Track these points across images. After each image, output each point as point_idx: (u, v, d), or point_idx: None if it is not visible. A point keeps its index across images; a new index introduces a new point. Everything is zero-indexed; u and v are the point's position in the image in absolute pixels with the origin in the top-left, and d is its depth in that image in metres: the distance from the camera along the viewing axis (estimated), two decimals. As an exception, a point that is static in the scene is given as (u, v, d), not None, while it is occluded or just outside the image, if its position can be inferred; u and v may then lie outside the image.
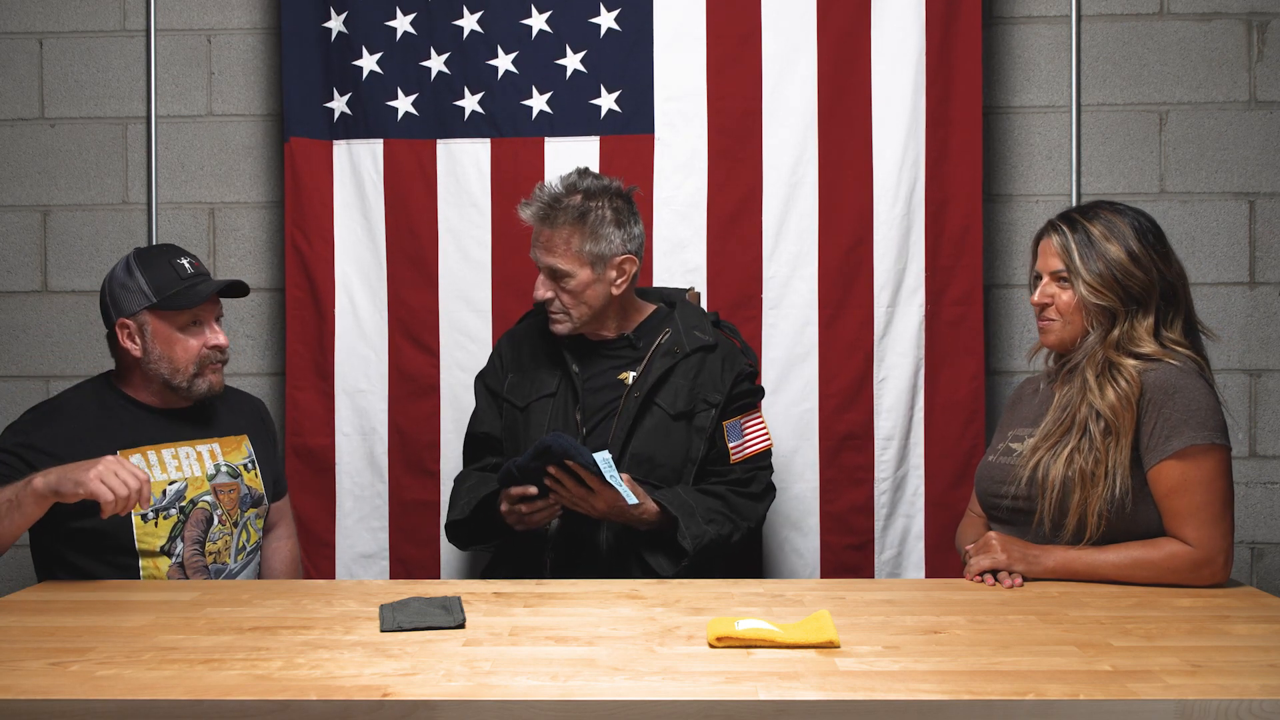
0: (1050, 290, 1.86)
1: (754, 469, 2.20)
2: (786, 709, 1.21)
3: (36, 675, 1.31)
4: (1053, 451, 1.80)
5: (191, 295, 2.00)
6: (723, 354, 2.22)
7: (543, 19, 2.71)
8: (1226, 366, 2.79)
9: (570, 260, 2.13)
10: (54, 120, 2.89)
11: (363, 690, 1.24)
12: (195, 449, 2.07)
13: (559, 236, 2.13)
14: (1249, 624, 1.51)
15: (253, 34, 2.86)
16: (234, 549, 2.08)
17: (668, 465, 2.15)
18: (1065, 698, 1.20)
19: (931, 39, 2.67)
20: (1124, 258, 1.80)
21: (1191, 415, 1.73)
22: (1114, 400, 1.76)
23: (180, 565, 2.00)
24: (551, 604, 1.65)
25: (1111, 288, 1.80)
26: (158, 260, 2.03)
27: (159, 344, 2.00)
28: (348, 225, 2.75)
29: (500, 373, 2.30)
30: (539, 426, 2.20)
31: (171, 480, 2.01)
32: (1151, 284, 1.81)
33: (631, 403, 2.16)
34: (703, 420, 2.17)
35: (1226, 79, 2.78)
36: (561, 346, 2.23)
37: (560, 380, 2.22)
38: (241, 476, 2.12)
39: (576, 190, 2.15)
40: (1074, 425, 1.79)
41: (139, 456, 1.99)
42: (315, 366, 2.75)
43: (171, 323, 2.00)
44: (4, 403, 2.88)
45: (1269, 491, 2.80)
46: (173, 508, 2.00)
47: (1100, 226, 1.82)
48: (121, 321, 2.01)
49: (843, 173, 2.69)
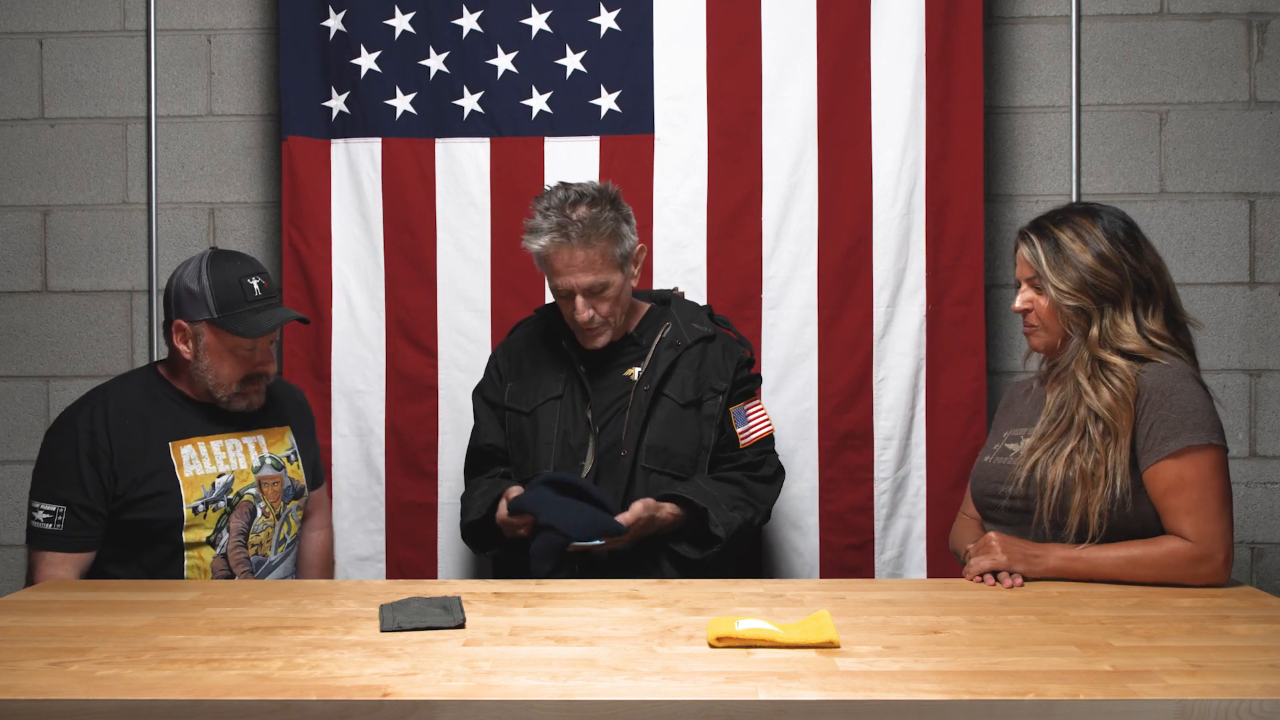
0: (1028, 296, 1.88)
1: (763, 452, 2.25)
2: (786, 709, 1.20)
3: (36, 675, 1.30)
4: (1050, 452, 1.80)
5: (252, 325, 2.00)
6: (722, 343, 2.27)
7: (543, 19, 2.71)
8: (1226, 366, 2.79)
9: (608, 270, 2.13)
10: (54, 120, 2.89)
11: (363, 690, 1.24)
12: (241, 441, 2.09)
13: (595, 252, 2.11)
14: (1249, 624, 1.51)
15: (252, 34, 2.86)
16: (275, 541, 2.11)
17: (683, 454, 2.19)
18: (1065, 698, 1.20)
19: (932, 39, 2.67)
20: (1092, 261, 1.81)
21: (1188, 416, 1.73)
22: (1110, 400, 1.76)
23: (224, 556, 2.02)
24: (551, 604, 1.65)
25: (1083, 289, 1.81)
26: (229, 273, 2.01)
27: (209, 356, 2.01)
28: (345, 225, 2.75)
29: (499, 384, 2.31)
30: (548, 429, 2.21)
31: (220, 473, 2.03)
32: (1123, 280, 1.81)
33: (641, 396, 2.19)
34: (711, 408, 2.21)
35: (1226, 79, 2.78)
36: (567, 349, 2.24)
37: (566, 382, 2.23)
38: (285, 469, 2.14)
39: (583, 203, 2.13)
40: (1072, 426, 1.79)
41: (190, 448, 2.02)
42: (312, 367, 2.75)
43: (226, 341, 2.00)
44: (4, 403, 2.88)
45: (1269, 491, 2.80)
46: (221, 500, 2.02)
47: (1069, 232, 1.83)
48: (178, 324, 2.01)
49: (843, 173, 2.69)
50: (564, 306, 2.19)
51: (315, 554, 2.31)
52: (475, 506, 2.18)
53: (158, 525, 1.97)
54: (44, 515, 1.95)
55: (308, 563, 2.29)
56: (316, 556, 2.31)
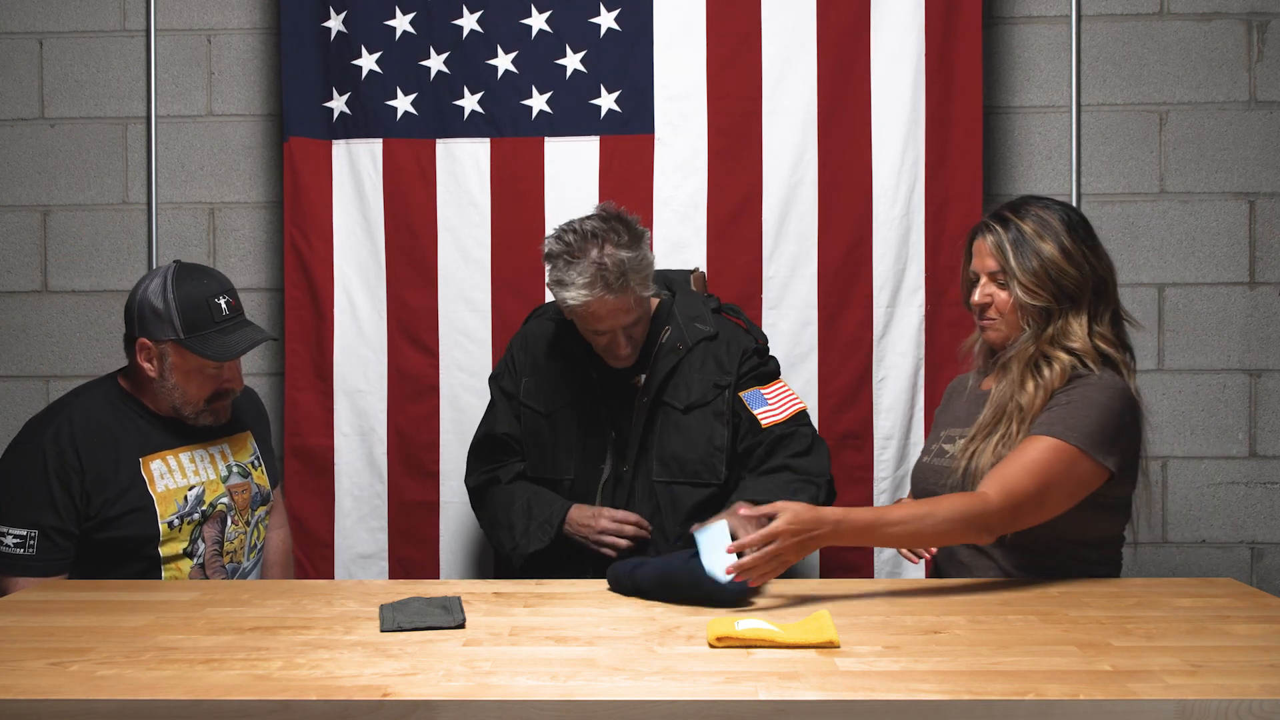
0: (989, 290, 1.84)
1: (792, 428, 2.16)
2: (786, 709, 1.21)
3: (36, 675, 1.31)
4: (983, 445, 1.79)
5: (220, 348, 1.95)
6: (725, 339, 2.21)
7: (543, 19, 2.71)
8: (1226, 366, 2.79)
9: (641, 305, 2.11)
10: (54, 120, 2.89)
11: (363, 690, 1.24)
12: (208, 451, 2.07)
13: (631, 297, 2.06)
14: (1249, 624, 1.51)
15: (252, 34, 2.86)
16: (247, 548, 2.10)
17: (694, 458, 2.14)
18: (1065, 698, 1.20)
19: (931, 39, 2.67)
20: (1057, 254, 1.78)
21: (1080, 418, 1.70)
22: (1032, 393, 1.76)
23: (201, 566, 2.00)
24: (551, 604, 1.65)
25: (1046, 286, 1.78)
26: (196, 291, 1.96)
27: (176, 375, 1.97)
28: (347, 225, 2.75)
29: (514, 375, 2.28)
30: (566, 434, 2.20)
31: (191, 485, 2.01)
32: (1084, 280, 1.79)
33: (643, 406, 2.16)
34: (719, 405, 2.16)
35: (1226, 79, 2.78)
36: (582, 352, 2.20)
37: (582, 387, 2.21)
38: (251, 475, 2.13)
39: (607, 243, 2.03)
40: (1003, 417, 1.79)
41: (159, 463, 1.98)
42: (314, 367, 2.75)
43: (193, 362, 1.96)
44: (4, 403, 2.88)
45: (1269, 491, 2.80)
46: (195, 512, 2.00)
47: (1031, 223, 1.80)
48: (143, 342, 1.96)
49: (843, 173, 2.69)
50: (596, 340, 2.13)
51: (276, 552, 2.29)
52: (534, 535, 2.13)
53: (132, 542, 1.93)
54: (14, 540, 1.88)
55: (269, 562, 2.26)
56: (277, 555, 2.29)
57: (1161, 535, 2.82)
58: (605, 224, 2.06)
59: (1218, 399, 2.80)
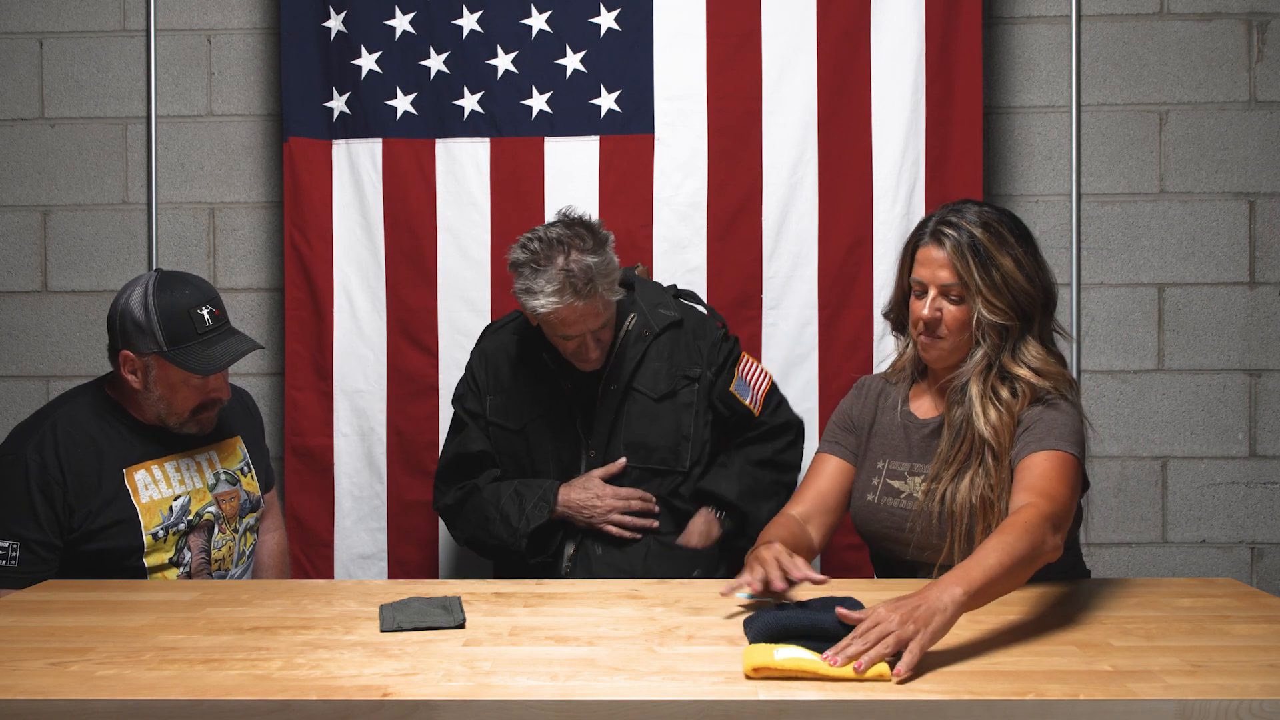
0: (939, 304, 1.71)
1: (776, 413, 2.27)
2: (786, 709, 1.21)
3: (36, 675, 1.31)
4: (955, 481, 1.69)
5: (205, 360, 1.92)
6: (691, 326, 2.24)
7: (543, 19, 2.71)
8: (1226, 366, 2.79)
9: (609, 309, 2.13)
10: (54, 120, 2.89)
11: (363, 690, 1.24)
12: (194, 459, 2.04)
13: (599, 301, 2.08)
14: (1249, 624, 1.51)
15: (252, 34, 2.86)
16: (236, 555, 2.08)
17: (663, 446, 2.18)
18: (1065, 698, 1.20)
19: (931, 39, 2.67)
20: (1014, 269, 1.67)
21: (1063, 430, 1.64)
22: (996, 421, 1.67)
23: (188, 575, 1.99)
24: (551, 604, 1.65)
25: (1008, 302, 1.68)
26: (178, 302, 1.93)
27: (161, 387, 1.95)
28: (347, 225, 2.75)
29: (479, 394, 2.27)
30: (540, 446, 2.21)
31: (176, 495, 1.99)
32: (1037, 294, 1.69)
33: (610, 395, 2.17)
34: (687, 396, 2.19)
35: (1226, 79, 2.78)
36: (548, 361, 2.21)
37: (551, 395, 2.21)
38: (240, 482, 2.11)
39: (572, 249, 2.04)
40: (973, 449, 1.69)
41: (144, 473, 1.97)
42: (314, 367, 2.75)
43: (178, 374, 1.94)
44: (4, 403, 2.88)
45: (1269, 491, 2.80)
46: (180, 522, 1.98)
47: (985, 232, 1.68)
48: (126, 354, 1.94)
49: (843, 173, 2.69)
50: (564, 345, 2.13)
51: (270, 555, 2.28)
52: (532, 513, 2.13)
53: (116, 554, 1.92)
54: None
55: (264, 565, 2.25)
56: (272, 558, 2.28)
57: (1161, 535, 2.82)
58: (569, 230, 2.07)
59: (1218, 399, 2.80)
